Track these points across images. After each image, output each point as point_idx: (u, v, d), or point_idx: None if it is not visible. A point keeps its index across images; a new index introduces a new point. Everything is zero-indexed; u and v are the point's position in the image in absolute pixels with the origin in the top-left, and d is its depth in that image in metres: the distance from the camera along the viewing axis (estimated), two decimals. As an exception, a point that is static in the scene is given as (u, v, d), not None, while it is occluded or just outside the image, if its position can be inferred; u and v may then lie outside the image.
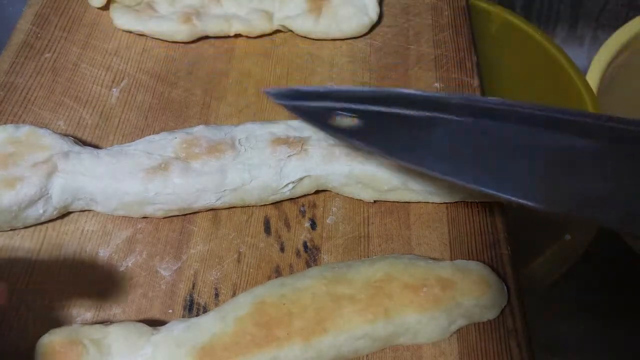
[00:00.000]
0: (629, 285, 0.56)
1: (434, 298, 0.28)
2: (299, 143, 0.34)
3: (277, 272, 0.32)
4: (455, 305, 0.28)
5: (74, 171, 0.33)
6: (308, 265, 0.32)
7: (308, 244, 0.33)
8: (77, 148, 0.34)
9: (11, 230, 0.33)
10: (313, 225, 0.34)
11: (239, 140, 0.35)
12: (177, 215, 0.34)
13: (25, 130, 0.34)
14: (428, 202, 0.34)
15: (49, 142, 0.34)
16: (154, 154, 0.34)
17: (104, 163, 0.33)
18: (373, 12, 0.43)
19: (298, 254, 0.32)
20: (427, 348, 0.29)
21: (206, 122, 0.38)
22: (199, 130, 0.35)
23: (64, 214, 0.34)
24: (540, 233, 0.52)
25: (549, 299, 0.55)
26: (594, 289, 0.57)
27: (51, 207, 0.33)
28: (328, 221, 0.34)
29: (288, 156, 0.34)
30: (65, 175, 0.33)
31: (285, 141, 0.34)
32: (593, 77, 0.60)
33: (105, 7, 0.44)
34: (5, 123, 0.37)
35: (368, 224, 0.34)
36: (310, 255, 0.32)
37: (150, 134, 0.38)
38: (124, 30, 0.43)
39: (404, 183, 0.33)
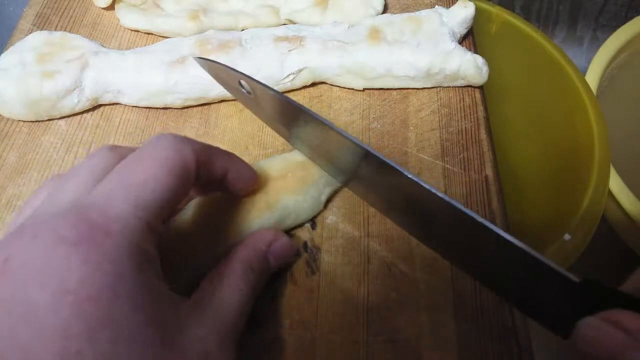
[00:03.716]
0: (628, 285, 0.56)
1: (299, 179, 0.32)
2: (298, 39, 0.39)
3: (277, 272, 0.32)
4: (318, 178, 0.33)
5: (103, 66, 0.38)
6: (308, 265, 0.32)
7: (308, 243, 0.33)
8: (104, 49, 0.40)
9: (49, 120, 0.38)
10: (313, 225, 0.34)
11: (245, 40, 0.39)
12: (194, 106, 0.39)
13: (58, 35, 0.39)
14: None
15: (80, 43, 0.39)
16: (172, 52, 0.38)
17: (129, 59, 0.38)
18: (378, 3, 0.43)
19: (298, 253, 0.32)
20: (427, 348, 0.29)
21: (207, 122, 0.39)
22: (209, 33, 0.40)
23: (95, 107, 0.39)
24: (540, 233, 0.52)
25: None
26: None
27: (84, 98, 0.38)
28: (328, 221, 0.34)
29: (288, 50, 0.38)
30: (96, 69, 0.38)
31: (285, 38, 0.39)
32: (592, 78, 0.60)
33: (110, 7, 0.44)
34: (6, 122, 0.38)
35: (368, 224, 0.34)
36: (311, 254, 0.32)
37: (151, 134, 0.38)
38: (130, 30, 0.43)
39: (388, 70, 0.38)
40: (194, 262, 0.29)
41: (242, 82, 0.32)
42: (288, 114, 0.32)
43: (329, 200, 0.34)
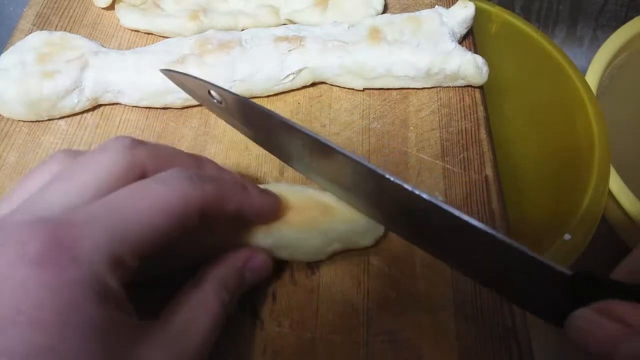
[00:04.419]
0: (628, 285, 0.56)
1: (312, 219, 0.30)
2: (298, 39, 0.39)
3: (277, 272, 0.32)
4: (331, 228, 0.30)
5: (103, 66, 0.38)
6: (308, 265, 0.32)
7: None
8: (104, 49, 0.40)
9: (49, 120, 0.38)
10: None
11: (245, 40, 0.39)
12: (194, 106, 0.39)
13: (58, 35, 0.39)
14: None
15: (80, 43, 0.39)
16: (172, 52, 0.38)
17: (129, 59, 0.38)
18: (378, 3, 0.43)
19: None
20: (427, 347, 0.29)
21: (206, 122, 0.39)
22: (209, 33, 0.40)
23: (95, 107, 0.39)
24: (540, 233, 0.52)
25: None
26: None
27: (84, 98, 0.38)
28: (328, 221, 0.34)
29: (288, 50, 0.38)
30: (96, 69, 0.38)
31: (285, 38, 0.39)
32: (592, 78, 0.60)
33: (110, 7, 0.44)
34: (6, 122, 0.38)
35: (368, 224, 0.34)
36: (311, 254, 0.32)
37: (150, 134, 0.38)
38: (130, 29, 0.44)
39: (388, 70, 0.38)
40: (171, 266, 0.28)
41: (212, 92, 0.31)
42: (254, 118, 0.31)
43: None
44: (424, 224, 0.28)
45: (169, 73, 0.33)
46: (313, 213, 0.31)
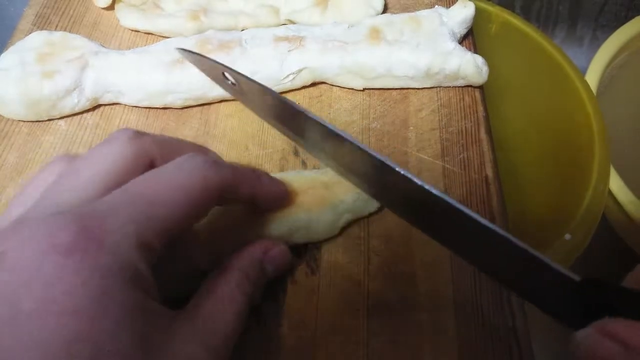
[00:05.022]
0: (628, 285, 0.56)
1: (319, 198, 0.32)
2: (298, 39, 0.39)
3: (278, 272, 0.32)
4: (338, 202, 0.32)
5: (103, 67, 0.38)
6: (308, 265, 0.32)
7: (308, 243, 0.33)
8: (104, 49, 0.40)
9: (49, 120, 0.38)
10: (313, 224, 0.34)
11: (245, 40, 0.39)
12: (194, 106, 0.39)
13: (58, 35, 0.39)
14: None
15: (80, 43, 0.39)
16: (172, 52, 0.38)
17: (129, 60, 0.38)
18: (378, 3, 0.43)
19: (298, 252, 0.32)
20: (427, 347, 0.29)
21: (206, 122, 0.39)
22: (209, 33, 0.40)
23: (95, 107, 0.39)
24: (540, 233, 0.52)
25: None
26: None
27: (84, 98, 0.38)
28: (328, 221, 0.34)
29: (288, 50, 0.38)
30: (96, 69, 0.38)
31: (285, 38, 0.39)
32: (592, 78, 0.60)
33: (110, 7, 0.44)
34: (6, 122, 0.38)
35: (368, 224, 0.34)
36: (310, 253, 0.32)
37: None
38: (130, 30, 0.44)
39: (388, 70, 0.38)
40: (187, 266, 0.29)
41: (226, 74, 0.32)
42: (268, 103, 0.32)
43: None
44: (440, 221, 0.29)
45: (185, 53, 0.34)
46: (318, 192, 0.32)
